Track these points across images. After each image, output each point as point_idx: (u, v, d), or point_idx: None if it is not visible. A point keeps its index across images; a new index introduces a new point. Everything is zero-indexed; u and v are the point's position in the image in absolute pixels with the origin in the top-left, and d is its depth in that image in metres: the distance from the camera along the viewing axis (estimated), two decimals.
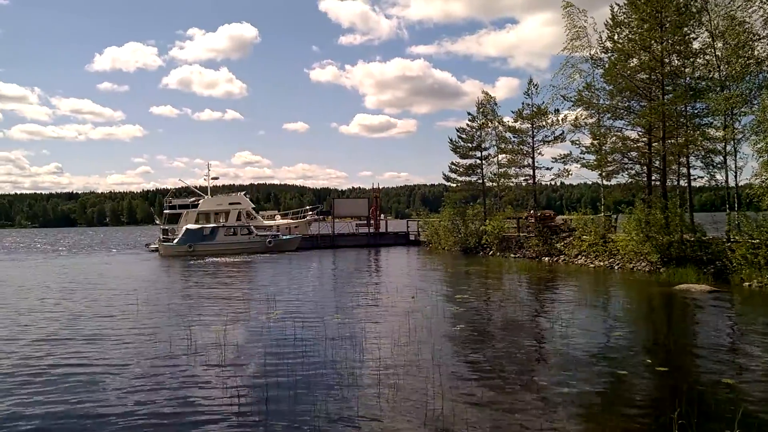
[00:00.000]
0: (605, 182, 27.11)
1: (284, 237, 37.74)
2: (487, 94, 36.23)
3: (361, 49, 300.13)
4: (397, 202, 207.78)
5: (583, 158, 27.10)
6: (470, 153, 36.69)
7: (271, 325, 11.89)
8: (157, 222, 44.86)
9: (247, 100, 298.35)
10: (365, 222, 42.73)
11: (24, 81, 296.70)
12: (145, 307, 14.80)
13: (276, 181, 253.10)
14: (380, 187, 47.83)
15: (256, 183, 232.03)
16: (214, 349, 9.79)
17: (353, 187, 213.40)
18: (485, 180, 36.24)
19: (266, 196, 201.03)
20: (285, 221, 45.38)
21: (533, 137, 32.95)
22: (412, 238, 42.96)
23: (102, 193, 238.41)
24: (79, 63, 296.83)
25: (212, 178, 43.81)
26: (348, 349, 9.74)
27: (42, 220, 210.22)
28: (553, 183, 36.67)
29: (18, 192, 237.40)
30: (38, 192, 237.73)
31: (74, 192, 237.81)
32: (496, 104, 35.84)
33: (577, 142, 27.48)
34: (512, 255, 29.30)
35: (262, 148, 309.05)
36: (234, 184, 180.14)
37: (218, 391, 7.65)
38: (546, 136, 32.79)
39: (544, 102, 31.20)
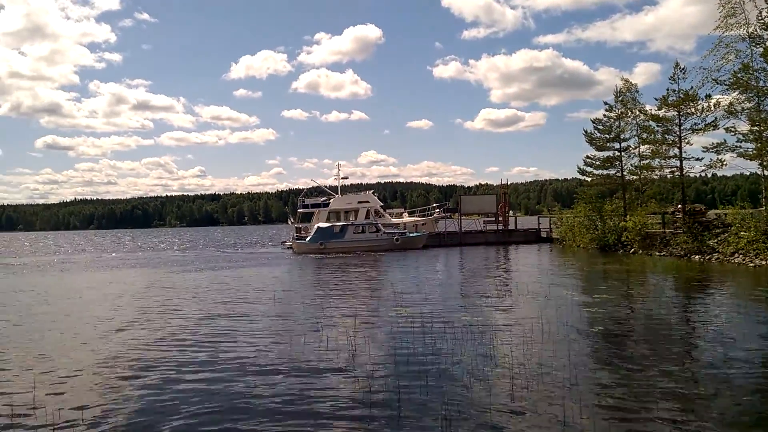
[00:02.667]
0: (767, 172, 23.97)
1: (411, 234, 37.99)
2: (626, 81, 33.68)
3: (485, 43, 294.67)
4: (527, 198, 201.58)
5: (740, 147, 24.23)
6: (608, 145, 34.32)
7: (399, 320, 11.86)
8: (291, 221, 47.30)
9: (372, 101, 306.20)
10: (493, 219, 41.76)
11: (170, 92, 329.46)
12: (280, 299, 15.61)
13: (401, 179, 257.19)
14: (508, 182, 46.46)
15: (382, 181, 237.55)
16: (345, 340, 9.97)
17: (480, 184, 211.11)
18: (624, 173, 33.71)
19: (392, 194, 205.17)
20: (412, 219, 45.74)
21: (680, 125, 29.94)
22: (543, 235, 41.26)
23: (240, 193, 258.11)
24: (217, 73, 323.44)
25: (342, 178, 45.38)
26: (478, 345, 9.43)
27: (189, 219, 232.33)
28: (703, 175, 33.26)
29: (168, 194, 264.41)
30: (185, 194, 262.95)
31: (216, 193, 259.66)
32: (637, 91, 33.22)
33: (732, 129, 24.64)
34: (656, 253, 26.95)
35: (388, 147, 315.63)
36: (361, 183, 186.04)
37: (350, 381, 7.71)
38: (695, 123, 29.61)
39: (692, 87, 28.39)
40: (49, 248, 63.29)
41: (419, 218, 45.85)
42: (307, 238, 36.91)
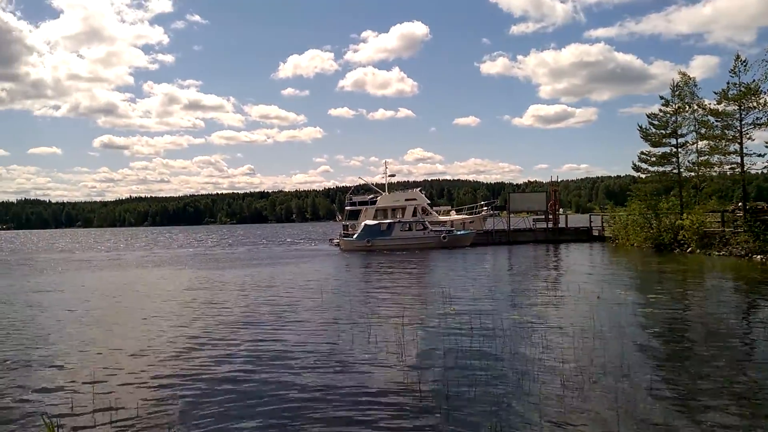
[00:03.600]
0: None
1: (459, 232, 37.74)
2: (683, 74, 32.36)
3: (533, 38, 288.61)
4: (578, 196, 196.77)
5: None
6: (664, 140, 33.11)
7: (448, 319, 11.83)
8: (339, 218, 47.73)
9: (418, 98, 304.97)
10: (543, 217, 41.01)
11: (221, 91, 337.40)
12: (328, 296, 15.81)
13: (448, 177, 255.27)
14: (558, 180, 45.48)
15: (429, 179, 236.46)
16: (393, 338, 10.04)
17: (529, 181, 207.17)
18: (681, 169, 32.48)
19: (439, 191, 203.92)
20: (460, 216, 45.42)
21: (741, 120, 28.61)
22: (595, 233, 40.23)
23: (288, 191, 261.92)
24: (266, 72, 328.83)
25: (389, 176, 45.48)
26: (528, 345, 9.33)
27: (238, 217, 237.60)
28: (765, 171, 31.67)
29: (218, 192, 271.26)
30: (235, 192, 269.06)
31: (265, 191, 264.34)
32: (695, 85, 31.91)
33: None
34: (715, 252, 25.89)
35: (434, 144, 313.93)
36: (408, 181, 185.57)
37: (399, 378, 7.76)
38: (757, 118, 28.20)
39: (754, 80, 27.10)
40: (110, 244, 66.03)
41: (467, 216, 45.47)
42: (354, 236, 37.19)
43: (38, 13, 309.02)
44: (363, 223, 37.79)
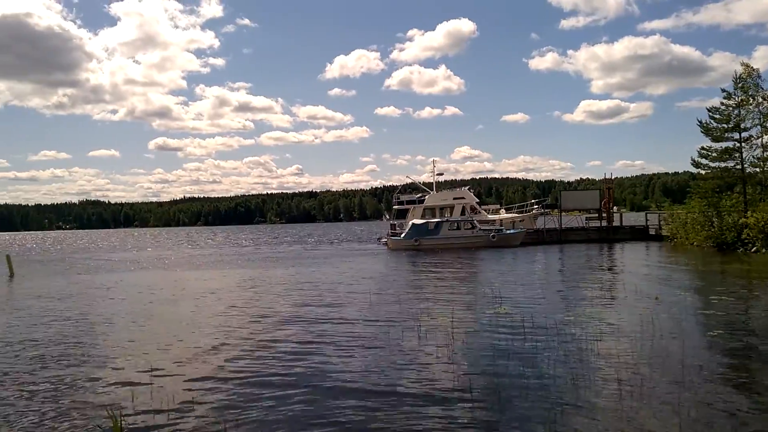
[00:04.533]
0: None
1: (508, 231, 37.14)
2: (747, 66, 30.74)
3: (584, 32, 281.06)
4: (632, 194, 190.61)
5: None
6: (726, 135, 31.55)
7: (499, 319, 11.61)
8: (386, 217, 47.79)
9: (465, 96, 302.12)
10: (596, 215, 39.86)
11: (270, 93, 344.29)
12: (376, 295, 15.82)
13: (496, 175, 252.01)
14: (612, 177, 44.08)
15: (476, 177, 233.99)
16: (443, 338, 9.95)
17: (581, 178, 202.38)
18: (745, 165, 30.90)
19: (487, 190, 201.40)
20: (509, 215, 44.69)
21: None
22: (651, 232, 38.82)
23: (336, 191, 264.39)
24: (313, 73, 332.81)
25: (437, 174, 45.21)
26: (582, 348, 9.04)
27: (287, 216, 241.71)
28: None
29: (268, 192, 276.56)
30: (284, 191, 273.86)
31: (313, 191, 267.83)
32: (759, 77, 30.29)
33: None
34: None
35: (482, 142, 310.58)
36: (455, 179, 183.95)
37: (449, 379, 7.66)
38: None
39: None
40: (166, 244, 68.32)
41: (516, 215, 44.70)
42: (402, 235, 37.14)
43: (97, 20, 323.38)
44: (411, 222, 37.70)
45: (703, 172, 33.04)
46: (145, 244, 68.05)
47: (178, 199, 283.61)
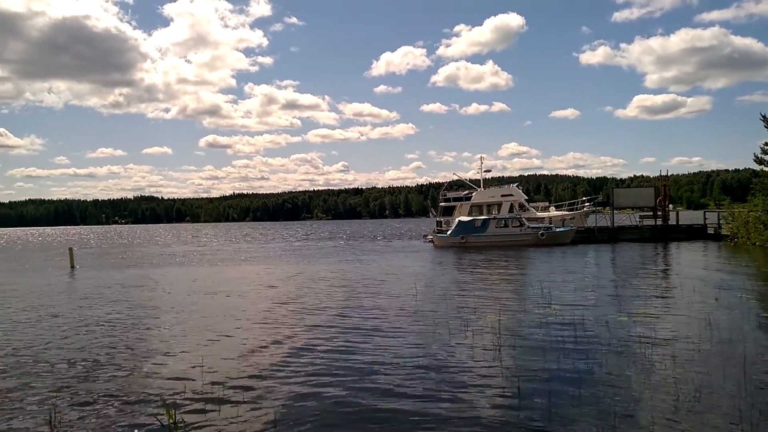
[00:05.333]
0: None
1: (558, 229, 36.30)
2: None
3: (638, 24, 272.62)
4: (689, 191, 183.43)
5: None
6: None
7: (548, 319, 11.35)
8: (432, 214, 47.52)
9: (513, 91, 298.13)
10: (651, 213, 38.48)
11: (316, 91, 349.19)
12: (423, 293, 15.72)
13: (545, 172, 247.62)
14: (668, 174, 42.44)
15: (525, 174, 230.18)
16: (491, 338, 9.79)
17: (634, 176, 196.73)
18: None
19: (535, 187, 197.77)
20: (559, 213, 43.67)
21: None
22: (710, 231, 37.19)
23: (381, 187, 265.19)
24: (359, 70, 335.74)
25: (484, 171, 44.61)
26: (636, 349, 8.74)
27: (333, 213, 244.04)
28: None
29: (315, 189, 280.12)
30: (330, 188, 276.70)
31: (359, 187, 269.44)
32: None
33: None
34: None
35: (530, 139, 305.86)
36: (503, 176, 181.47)
37: (497, 380, 7.53)
38: None
39: None
40: (216, 239, 70.12)
41: (567, 212, 43.63)
42: (448, 232, 36.85)
43: (151, 21, 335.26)
44: (457, 220, 37.36)
45: (766, 168, 31.44)
46: (196, 238, 70.02)
47: (227, 195, 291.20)
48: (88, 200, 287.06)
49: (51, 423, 6.31)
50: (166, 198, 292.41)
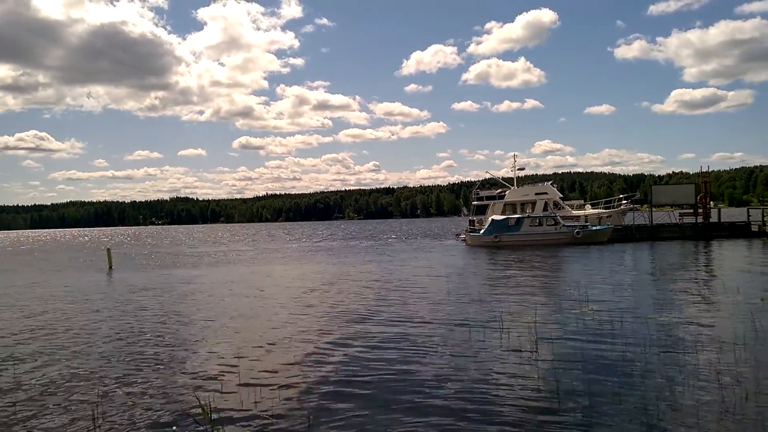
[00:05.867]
0: None
1: (594, 227, 35.59)
2: None
3: (675, 17, 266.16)
4: (731, 188, 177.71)
5: None
6: None
7: (585, 320, 11.12)
8: (464, 213, 47.15)
9: (545, 88, 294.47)
10: (691, 211, 37.39)
11: (347, 91, 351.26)
12: (456, 292, 15.59)
13: (580, 169, 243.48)
14: (709, 170, 41.14)
15: (558, 172, 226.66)
16: (527, 339, 9.64)
17: (673, 172, 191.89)
18: None
19: (570, 184, 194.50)
20: (595, 211, 42.79)
21: None
22: (754, 229, 35.90)
23: (413, 187, 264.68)
24: (390, 70, 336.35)
25: (518, 169, 44.07)
26: (676, 350, 8.48)
27: (365, 212, 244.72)
28: None
29: (346, 188, 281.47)
30: (361, 188, 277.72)
31: (390, 187, 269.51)
32: None
33: None
34: None
35: (564, 135, 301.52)
36: (536, 174, 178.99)
37: (534, 380, 7.39)
38: None
39: None
40: (250, 239, 71.03)
41: (603, 210, 42.73)
42: (481, 231, 36.52)
43: (185, 26, 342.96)
44: (490, 218, 37.01)
45: None
46: (231, 238, 71.11)
47: (260, 195, 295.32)
48: (126, 201, 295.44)
49: (94, 418, 6.45)
50: (201, 199, 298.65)
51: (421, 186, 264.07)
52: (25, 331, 12.11)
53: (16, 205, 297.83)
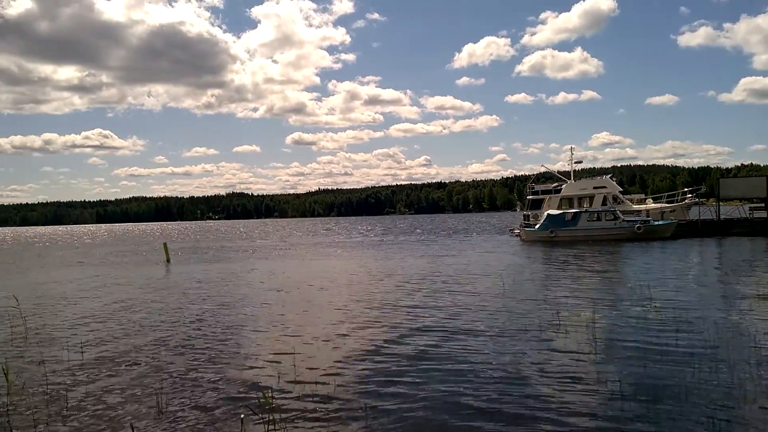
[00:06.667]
0: None
1: (657, 222, 34.21)
2: None
3: (743, 1, 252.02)
4: None
5: None
6: None
7: (647, 318, 10.68)
8: (518, 208, 46.31)
9: (603, 78, 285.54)
10: (763, 205, 35.38)
11: (398, 85, 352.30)
12: (511, 289, 15.25)
13: (640, 162, 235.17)
14: None
15: (618, 165, 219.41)
16: (586, 336, 9.35)
17: (742, 164, 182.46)
18: None
19: (630, 178, 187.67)
20: (657, 205, 41.12)
21: None
22: None
23: (465, 181, 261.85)
24: (441, 63, 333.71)
25: (575, 162, 42.86)
26: (749, 354, 7.97)
27: (416, 207, 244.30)
28: None
29: (397, 183, 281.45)
30: (413, 182, 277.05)
31: (441, 181, 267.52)
32: None
33: None
34: None
35: (623, 127, 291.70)
36: (594, 167, 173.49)
37: (595, 377, 7.14)
38: None
39: None
40: (303, 233, 72.13)
41: (666, 204, 41.01)
42: (537, 226, 35.75)
43: (240, 24, 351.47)
44: (546, 213, 36.19)
45: None
46: (285, 233, 72.47)
47: (312, 191, 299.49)
48: (184, 197, 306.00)
49: (159, 408, 6.64)
50: (255, 194, 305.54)
51: (473, 180, 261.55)
52: (87, 319, 12.65)
53: (83, 200, 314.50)
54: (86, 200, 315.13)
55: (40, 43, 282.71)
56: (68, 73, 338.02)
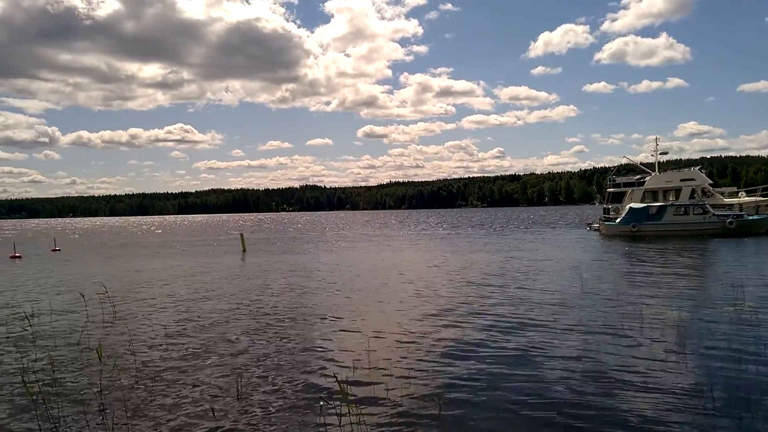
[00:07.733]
0: None
1: (751, 217, 31.90)
2: None
3: None
4: None
5: None
6: None
7: (742, 319, 9.97)
8: (597, 201, 44.57)
9: (691, 65, 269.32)
10: None
11: (471, 76, 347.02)
12: (589, 288, 14.69)
13: (732, 153, 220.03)
14: None
15: (707, 156, 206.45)
16: (673, 338, 8.86)
17: None
18: None
19: (720, 170, 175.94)
20: (752, 198, 38.31)
21: None
22: None
23: (540, 174, 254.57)
24: (516, 53, 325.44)
25: (660, 153, 40.69)
26: None
27: (489, 200, 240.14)
28: None
29: (469, 176, 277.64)
30: (485, 175, 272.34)
31: (515, 174, 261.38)
32: None
33: None
34: None
35: (712, 116, 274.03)
36: (680, 159, 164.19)
37: (684, 385, 6.73)
38: None
39: None
40: (375, 226, 72.77)
41: (761, 198, 38.15)
42: (618, 220, 34.27)
43: (313, 19, 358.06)
44: (628, 206, 34.59)
45: None
46: (358, 225, 73.41)
47: (384, 183, 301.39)
48: (260, 189, 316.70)
49: (238, 392, 6.88)
50: (328, 187, 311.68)
51: (549, 172, 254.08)
52: (170, 305, 13.31)
53: (165, 192, 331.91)
54: (169, 192, 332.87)
55: (126, 43, 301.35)
56: (152, 70, 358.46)
